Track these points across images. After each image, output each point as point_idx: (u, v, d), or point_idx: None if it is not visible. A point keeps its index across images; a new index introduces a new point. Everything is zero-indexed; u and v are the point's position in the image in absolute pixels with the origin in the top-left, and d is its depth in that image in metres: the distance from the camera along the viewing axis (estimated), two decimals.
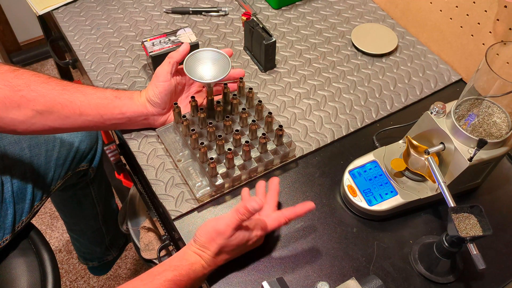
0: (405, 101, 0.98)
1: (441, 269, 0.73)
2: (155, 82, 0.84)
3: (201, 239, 0.70)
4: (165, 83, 0.84)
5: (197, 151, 0.83)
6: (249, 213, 0.70)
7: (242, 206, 0.69)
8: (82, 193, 1.25)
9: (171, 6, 1.15)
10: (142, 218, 1.32)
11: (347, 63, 1.05)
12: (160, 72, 0.84)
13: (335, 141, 0.91)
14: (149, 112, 0.86)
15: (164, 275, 0.67)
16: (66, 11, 1.14)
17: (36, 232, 1.03)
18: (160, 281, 0.66)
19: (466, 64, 1.02)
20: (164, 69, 0.84)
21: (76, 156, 1.08)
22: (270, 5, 1.17)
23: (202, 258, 0.70)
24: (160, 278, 0.66)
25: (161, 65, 0.85)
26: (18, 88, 0.76)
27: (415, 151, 0.82)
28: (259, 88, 0.99)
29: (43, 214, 1.76)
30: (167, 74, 0.84)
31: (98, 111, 0.81)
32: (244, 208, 0.69)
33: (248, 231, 0.72)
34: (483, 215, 0.66)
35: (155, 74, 0.85)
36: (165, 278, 0.66)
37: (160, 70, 0.85)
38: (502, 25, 0.90)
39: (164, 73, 0.84)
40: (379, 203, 0.78)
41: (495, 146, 0.74)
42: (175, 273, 0.67)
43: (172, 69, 0.84)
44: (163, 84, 0.84)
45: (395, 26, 1.13)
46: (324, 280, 0.66)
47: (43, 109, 0.77)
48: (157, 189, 0.83)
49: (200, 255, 0.70)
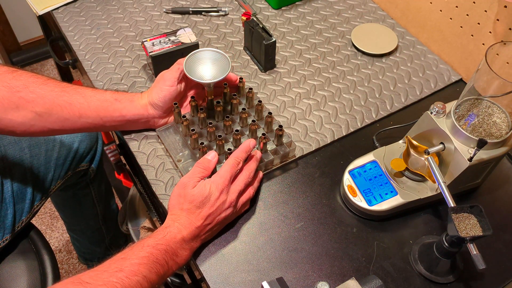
0: (405, 101, 0.98)
1: (441, 269, 0.73)
2: (161, 85, 0.83)
3: (171, 203, 0.75)
4: (171, 88, 0.83)
5: (197, 151, 0.83)
6: (207, 161, 0.77)
7: (202, 158, 0.77)
8: (82, 193, 1.25)
9: (171, 6, 1.15)
10: (142, 218, 1.32)
11: (347, 63, 1.05)
12: (168, 77, 0.84)
13: (335, 141, 0.91)
14: (149, 115, 0.85)
15: (142, 242, 0.69)
16: (66, 11, 1.14)
17: (36, 232, 1.03)
18: (139, 248, 0.68)
19: (466, 64, 1.02)
20: (173, 74, 0.84)
21: (76, 156, 1.08)
22: (270, 5, 1.17)
23: (175, 220, 0.72)
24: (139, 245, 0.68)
25: (170, 70, 0.85)
26: (16, 89, 0.75)
27: (415, 151, 0.81)
28: (259, 88, 0.99)
29: (43, 214, 1.76)
30: (175, 79, 0.83)
31: (97, 113, 0.81)
32: (202, 158, 0.77)
33: (209, 183, 0.73)
34: (483, 215, 0.66)
35: (161, 77, 0.84)
36: (143, 244, 0.68)
37: (168, 75, 0.84)
38: (502, 25, 0.90)
39: (172, 79, 0.83)
40: (379, 203, 0.78)
41: (495, 146, 0.74)
42: (152, 239, 0.69)
43: (180, 76, 0.84)
44: (169, 88, 0.83)
45: (395, 26, 1.13)
46: (324, 280, 0.66)
47: (42, 111, 0.77)
48: (157, 189, 0.83)
49: (173, 219, 0.72)
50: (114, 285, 0.61)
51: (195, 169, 0.75)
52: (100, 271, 0.64)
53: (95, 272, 0.63)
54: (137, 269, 0.64)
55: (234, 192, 0.75)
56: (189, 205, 0.72)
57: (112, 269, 0.64)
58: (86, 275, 0.63)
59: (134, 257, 0.66)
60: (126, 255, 0.66)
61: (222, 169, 0.75)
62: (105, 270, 0.64)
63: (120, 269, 0.64)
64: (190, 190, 0.72)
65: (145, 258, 0.66)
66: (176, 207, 0.73)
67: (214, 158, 0.77)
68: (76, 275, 0.63)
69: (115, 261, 0.66)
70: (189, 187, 0.73)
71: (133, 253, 0.66)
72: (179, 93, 0.85)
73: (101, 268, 0.65)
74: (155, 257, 0.67)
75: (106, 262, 0.66)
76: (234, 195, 0.75)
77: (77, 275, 0.64)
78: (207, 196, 0.72)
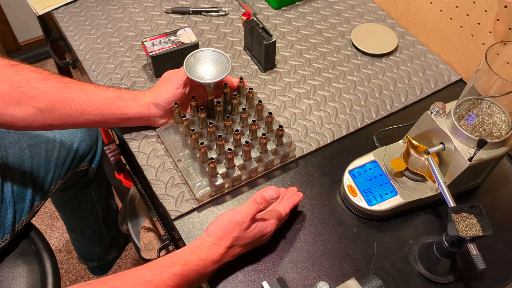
0: (405, 101, 0.98)
1: (441, 269, 0.73)
2: (167, 86, 0.84)
3: (217, 232, 0.69)
4: (176, 90, 0.83)
5: (197, 151, 0.83)
6: (266, 202, 0.70)
7: (259, 195, 0.70)
8: (82, 193, 1.25)
9: (171, 6, 1.15)
10: (142, 218, 1.32)
11: (347, 63, 1.05)
12: (175, 79, 0.84)
13: (335, 141, 0.91)
14: (151, 114, 0.86)
15: (173, 268, 0.66)
16: (66, 11, 1.14)
17: (36, 232, 1.03)
18: (168, 275, 0.65)
19: (466, 64, 1.02)
20: (180, 77, 0.84)
21: (76, 156, 1.08)
22: (270, 5, 1.17)
23: (214, 253, 0.69)
24: (169, 271, 0.65)
25: (178, 72, 0.85)
26: (17, 84, 0.75)
27: (415, 151, 0.82)
28: (259, 88, 0.99)
29: (43, 214, 1.76)
30: (181, 82, 0.84)
31: (100, 110, 0.81)
32: (261, 197, 0.69)
33: (264, 222, 0.72)
34: (483, 215, 0.66)
35: (168, 78, 0.84)
36: (174, 271, 0.65)
37: (175, 77, 0.84)
38: (502, 25, 0.90)
39: (179, 81, 0.83)
40: (379, 203, 0.78)
41: (495, 146, 0.74)
42: (184, 268, 0.66)
43: (187, 80, 0.84)
44: (175, 90, 0.83)
45: (395, 26, 1.13)
46: (324, 280, 0.66)
47: (44, 106, 0.77)
48: (157, 189, 0.83)
49: (212, 250, 0.69)
50: None
51: (250, 207, 0.70)
52: None
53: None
54: None
55: (272, 231, 0.75)
56: (234, 243, 0.70)
57: None
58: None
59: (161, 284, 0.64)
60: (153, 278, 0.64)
61: (276, 215, 0.74)
62: None
63: None
64: (243, 232, 0.70)
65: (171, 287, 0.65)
66: (221, 240, 0.70)
67: (273, 200, 0.70)
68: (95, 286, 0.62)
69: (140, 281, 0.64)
70: (242, 228, 0.70)
71: (161, 278, 0.65)
72: (183, 96, 0.85)
73: (124, 285, 0.63)
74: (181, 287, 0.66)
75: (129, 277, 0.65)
76: (271, 234, 0.76)
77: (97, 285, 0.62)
78: (257, 240, 0.72)
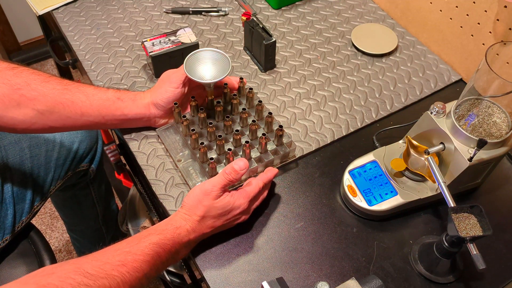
0: (405, 101, 0.98)
1: (441, 269, 0.73)
2: (166, 86, 0.83)
3: (188, 203, 0.72)
4: (176, 90, 0.83)
5: (197, 151, 0.83)
6: (235, 173, 0.72)
7: (229, 166, 0.72)
8: (82, 193, 1.25)
9: (171, 6, 1.15)
10: (142, 218, 1.32)
11: (347, 63, 1.05)
12: (174, 79, 0.83)
13: (335, 141, 0.91)
14: (151, 114, 0.86)
15: (149, 238, 0.68)
16: (66, 11, 1.14)
17: (36, 232, 1.03)
18: (145, 244, 0.67)
19: (466, 64, 1.02)
20: (179, 77, 0.84)
21: (76, 156, 1.08)
22: (270, 5, 1.17)
23: (187, 222, 0.71)
24: (146, 241, 0.67)
25: (177, 71, 0.84)
26: (17, 86, 0.75)
27: (415, 151, 0.81)
28: (259, 88, 0.99)
29: (43, 214, 1.76)
30: (181, 82, 0.84)
31: (99, 112, 0.81)
32: (230, 168, 0.72)
33: (235, 193, 0.73)
34: (483, 215, 0.66)
35: (167, 78, 0.84)
36: (150, 241, 0.67)
37: (174, 76, 0.84)
38: (502, 25, 0.90)
39: (179, 81, 0.83)
40: (379, 203, 0.78)
41: (495, 146, 0.74)
42: (160, 237, 0.68)
43: (186, 79, 0.84)
44: (174, 90, 0.83)
45: (395, 26, 1.13)
46: (324, 280, 0.66)
47: (44, 109, 0.77)
48: (157, 189, 0.83)
49: (185, 219, 0.71)
50: (115, 279, 0.62)
51: (220, 178, 0.72)
52: (103, 261, 0.63)
53: (97, 262, 0.63)
54: (140, 266, 0.64)
55: (252, 209, 0.76)
56: (206, 214, 0.72)
57: (115, 261, 0.64)
58: (88, 264, 0.62)
59: (139, 253, 0.65)
60: (131, 249, 0.66)
61: (248, 189, 0.75)
62: (108, 261, 0.63)
63: (123, 264, 0.63)
64: (212, 201, 0.71)
65: (150, 256, 0.66)
66: (192, 209, 0.72)
67: (242, 170, 0.73)
68: (76, 261, 0.63)
69: (119, 252, 0.65)
70: (211, 197, 0.71)
71: (138, 248, 0.66)
72: (182, 95, 0.85)
73: (103, 257, 0.64)
74: (159, 256, 0.67)
75: (108, 250, 0.66)
76: (251, 211, 0.76)
77: (78, 261, 0.63)
78: (227, 211, 0.73)
